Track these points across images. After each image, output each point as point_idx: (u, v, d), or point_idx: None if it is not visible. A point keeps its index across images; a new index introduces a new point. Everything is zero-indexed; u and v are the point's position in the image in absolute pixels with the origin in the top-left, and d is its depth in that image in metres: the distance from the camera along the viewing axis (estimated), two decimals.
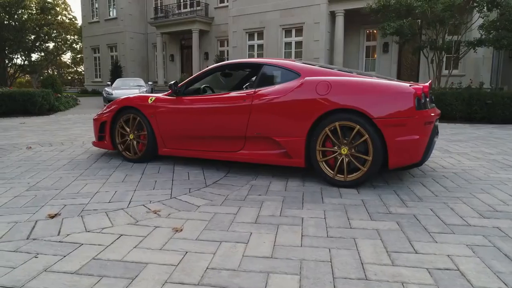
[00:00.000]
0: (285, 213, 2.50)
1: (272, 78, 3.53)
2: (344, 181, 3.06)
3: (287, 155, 3.28)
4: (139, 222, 2.33)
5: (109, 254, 1.89)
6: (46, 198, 2.81)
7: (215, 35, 20.59)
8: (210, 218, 2.40)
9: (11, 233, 2.14)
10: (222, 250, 1.93)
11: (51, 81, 12.63)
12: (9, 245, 1.99)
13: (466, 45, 9.35)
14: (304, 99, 3.14)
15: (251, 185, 3.21)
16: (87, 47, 25.79)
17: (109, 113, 4.16)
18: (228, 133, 3.52)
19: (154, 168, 3.81)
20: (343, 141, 3.04)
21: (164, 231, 2.18)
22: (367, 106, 2.91)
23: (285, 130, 3.23)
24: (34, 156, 4.44)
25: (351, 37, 16.29)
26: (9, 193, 2.95)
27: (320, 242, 2.02)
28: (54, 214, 2.45)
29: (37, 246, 1.97)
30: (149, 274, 1.69)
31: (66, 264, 1.78)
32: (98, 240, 2.05)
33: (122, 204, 2.67)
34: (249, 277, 1.66)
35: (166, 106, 3.84)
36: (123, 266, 1.77)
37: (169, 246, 1.98)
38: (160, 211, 2.53)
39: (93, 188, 3.08)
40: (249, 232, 2.17)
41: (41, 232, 2.16)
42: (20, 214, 2.46)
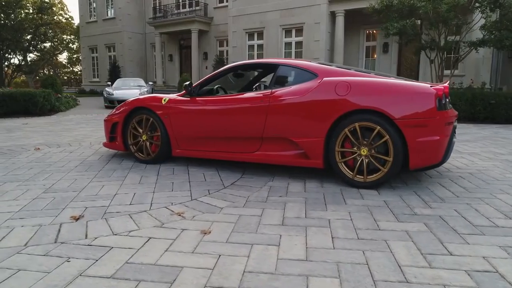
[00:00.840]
0: (310, 214, 2.48)
1: (289, 78, 3.51)
2: (364, 182, 3.05)
3: (305, 156, 3.27)
4: (165, 225, 2.30)
5: (141, 258, 1.86)
6: (66, 201, 2.77)
7: (214, 35, 20.54)
8: (236, 220, 2.38)
9: (38, 237, 2.11)
10: (255, 253, 1.91)
11: (51, 81, 12.53)
12: (38, 249, 1.96)
13: (468, 45, 9.39)
14: (323, 99, 3.12)
15: (269, 186, 3.19)
16: (85, 47, 25.64)
17: (121, 114, 4.13)
18: (245, 134, 3.50)
19: (168, 170, 3.78)
20: (363, 142, 3.03)
21: (193, 234, 2.16)
22: (388, 106, 2.90)
23: (303, 131, 3.21)
24: (44, 158, 4.40)
25: (351, 37, 16.32)
26: (26, 195, 2.91)
27: (352, 244, 2.01)
28: (77, 216, 2.41)
29: (67, 250, 1.94)
30: (187, 278, 1.66)
31: (100, 268, 1.75)
32: (127, 244, 2.02)
33: (144, 206, 2.65)
34: (289, 280, 1.65)
35: (181, 106, 3.81)
36: (158, 270, 1.74)
37: (200, 249, 1.96)
38: (184, 213, 2.50)
39: (111, 190, 3.05)
40: (278, 235, 2.15)
41: (68, 235, 2.13)
42: (43, 217, 2.42)
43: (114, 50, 23.87)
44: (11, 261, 1.81)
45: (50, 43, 35.60)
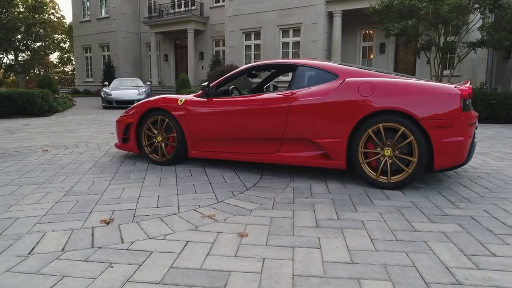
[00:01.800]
0: (342, 216, 2.47)
1: (309, 79, 3.50)
2: (388, 183, 3.05)
3: (327, 157, 3.26)
4: (199, 228, 2.27)
5: (185, 262, 1.83)
6: (90, 204, 2.72)
7: (211, 35, 20.46)
8: (269, 223, 2.36)
9: (73, 241, 2.06)
10: (299, 256, 1.90)
11: (48, 81, 12.36)
12: (77, 254, 1.91)
13: (468, 46, 9.49)
14: (347, 100, 3.12)
15: (292, 187, 3.18)
16: (78, 46, 25.33)
17: (135, 115, 4.07)
18: (264, 135, 3.48)
19: (185, 171, 3.74)
20: (387, 142, 3.03)
21: (230, 237, 2.14)
22: (413, 107, 2.91)
23: (326, 131, 3.21)
24: (55, 159, 4.32)
25: (348, 37, 16.38)
26: (48, 198, 2.85)
27: (393, 246, 2.00)
28: (108, 220, 2.37)
29: (107, 255, 1.90)
30: (237, 283, 1.64)
31: (146, 274, 1.71)
32: (166, 248, 1.99)
33: (172, 209, 2.61)
34: (341, 283, 1.63)
35: (198, 107, 3.77)
36: (206, 274, 1.71)
37: (242, 253, 1.93)
38: (214, 215, 2.48)
39: (133, 193, 3.00)
40: (316, 237, 2.14)
41: (103, 240, 2.08)
42: (72, 221, 2.37)
43: (109, 50, 23.63)
44: (53, 267, 1.77)
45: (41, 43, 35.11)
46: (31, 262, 1.82)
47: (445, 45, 9.46)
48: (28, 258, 1.86)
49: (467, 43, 9.51)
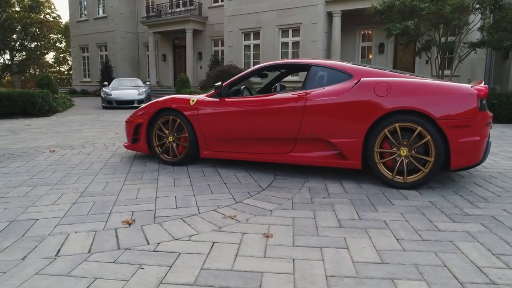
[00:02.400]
0: (363, 216, 2.47)
1: (323, 79, 3.49)
2: (404, 182, 3.06)
3: (342, 157, 3.26)
4: (223, 229, 2.26)
5: (215, 263, 1.82)
6: (108, 205, 2.70)
7: (209, 34, 20.42)
8: (292, 223, 2.35)
9: (98, 243, 2.04)
10: (328, 257, 1.89)
11: (47, 81, 12.26)
12: (104, 256, 1.89)
13: (469, 46, 9.54)
14: (363, 100, 3.12)
15: (307, 187, 3.17)
16: (75, 46, 25.18)
17: (145, 115, 4.05)
18: (278, 135, 3.47)
19: (197, 172, 3.72)
20: (403, 142, 3.04)
21: (255, 238, 2.12)
22: (430, 107, 2.91)
23: (341, 131, 3.20)
24: (63, 160, 4.28)
25: (347, 37, 16.42)
26: (64, 199, 2.82)
27: (420, 246, 2.00)
28: (129, 221, 2.35)
29: (135, 257, 1.88)
30: (272, 284, 1.63)
31: (179, 275, 1.70)
32: (193, 249, 1.98)
33: (191, 210, 2.59)
34: (376, 284, 1.63)
35: (210, 108, 3.75)
36: (238, 276, 1.70)
37: (271, 254, 1.92)
38: (235, 216, 2.46)
39: (149, 193, 2.98)
40: (342, 237, 2.13)
41: (128, 241, 2.06)
42: (93, 222, 2.35)
43: (106, 50, 23.51)
44: (83, 270, 1.75)
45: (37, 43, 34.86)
46: (60, 264, 1.80)
47: (447, 45, 9.49)
48: (55, 260, 1.84)
49: (468, 43, 9.55)
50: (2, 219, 2.41)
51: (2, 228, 2.26)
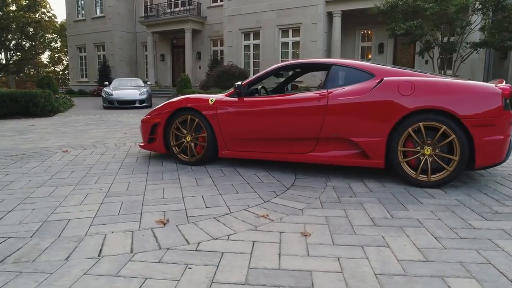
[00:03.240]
0: (395, 215, 2.48)
1: (343, 78, 3.50)
2: (428, 181, 3.07)
3: (365, 156, 3.27)
4: (259, 228, 2.25)
5: (261, 262, 1.81)
6: (136, 205, 2.68)
7: (208, 34, 20.39)
8: (326, 222, 2.35)
9: (138, 243, 2.02)
10: (372, 255, 1.89)
11: (47, 81, 12.18)
12: (148, 255, 1.88)
13: (471, 46, 9.62)
14: (387, 99, 3.13)
15: (331, 186, 3.17)
16: (72, 46, 25.00)
17: (162, 115, 4.03)
18: (300, 135, 3.47)
19: (217, 171, 3.71)
20: (427, 141, 3.05)
21: (293, 237, 2.12)
22: (455, 106, 2.93)
23: (365, 130, 3.21)
24: (78, 160, 4.25)
25: (347, 37, 16.49)
26: (90, 200, 2.80)
27: (460, 244, 2.01)
28: (163, 221, 2.34)
29: (178, 256, 1.87)
30: (324, 283, 1.63)
31: (228, 275, 1.69)
32: (235, 248, 1.97)
33: (222, 209, 2.59)
34: (427, 282, 1.63)
35: (230, 107, 3.75)
36: (287, 274, 1.70)
37: (314, 252, 1.92)
38: (268, 215, 2.46)
39: (175, 193, 2.97)
40: (379, 235, 2.14)
41: (168, 241, 2.05)
42: (126, 222, 2.33)
43: (104, 50, 23.38)
44: (130, 270, 1.73)
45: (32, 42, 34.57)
46: (105, 264, 1.78)
47: (449, 45, 9.57)
48: (100, 261, 1.82)
49: (471, 43, 9.63)
50: (34, 219, 2.39)
51: (36, 228, 2.24)
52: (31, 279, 1.64)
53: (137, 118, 9.67)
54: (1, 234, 2.15)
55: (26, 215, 2.48)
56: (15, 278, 1.65)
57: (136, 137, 6.07)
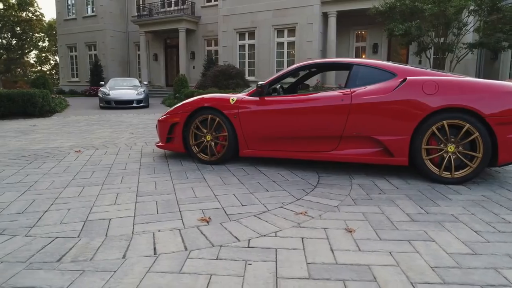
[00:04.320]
0: (429, 210, 2.55)
1: (365, 78, 3.54)
2: (451, 178, 3.15)
3: (389, 154, 3.33)
4: (302, 225, 2.29)
5: (318, 258, 1.85)
6: (171, 204, 2.69)
7: (202, 34, 20.32)
8: (364, 218, 2.40)
9: (189, 241, 2.04)
10: (421, 249, 1.95)
11: (43, 81, 11.99)
12: (204, 253, 1.90)
13: (467, 46, 9.83)
14: (411, 98, 3.20)
15: (357, 184, 3.23)
16: (63, 45, 24.63)
17: (182, 114, 4.03)
18: (323, 133, 3.52)
19: (238, 170, 3.73)
20: (450, 139, 3.14)
21: (339, 233, 2.17)
22: (478, 104, 3.02)
23: (389, 129, 3.28)
24: (94, 160, 4.22)
25: (341, 38, 16.63)
26: (123, 199, 2.80)
27: (502, 237, 2.08)
28: (206, 219, 2.36)
29: (234, 253, 1.90)
30: (385, 276, 1.67)
31: (290, 270, 1.73)
32: (287, 244, 2.00)
33: (259, 207, 2.61)
34: (482, 273, 1.69)
35: (251, 107, 3.77)
36: (347, 269, 1.74)
37: (365, 247, 1.97)
38: (306, 212, 2.50)
39: (205, 192, 2.98)
40: (421, 230, 2.20)
41: (218, 238, 2.07)
42: (169, 221, 2.34)
43: (95, 49, 23.10)
44: (192, 267, 1.75)
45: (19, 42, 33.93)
46: (165, 262, 1.80)
47: (447, 46, 9.76)
48: (159, 258, 1.83)
49: (467, 44, 9.85)
50: (73, 219, 2.38)
51: (79, 228, 2.23)
52: (97, 277, 1.65)
53: (138, 118, 9.61)
54: (46, 234, 2.14)
55: (64, 215, 2.46)
56: (80, 276, 1.66)
57: (144, 137, 6.04)
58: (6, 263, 1.79)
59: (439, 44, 10.00)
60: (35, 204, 2.69)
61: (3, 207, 2.63)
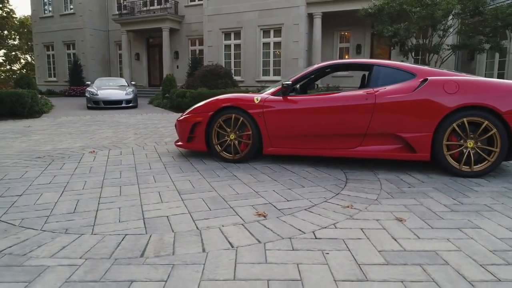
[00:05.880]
0: (463, 201, 2.74)
1: (386, 78, 3.72)
2: (471, 171, 3.38)
3: (411, 149, 3.52)
4: (354, 217, 2.42)
5: (385, 246, 1.98)
6: (218, 200, 2.76)
7: (186, 34, 20.19)
8: (407, 209, 2.56)
9: (258, 234, 2.12)
10: (474, 235, 2.11)
11: (27, 81, 11.60)
12: (278, 244, 1.99)
13: (451, 48, 10.30)
14: (434, 97, 3.40)
15: (384, 179, 3.40)
16: (38, 44, 23.80)
17: (205, 113, 4.08)
18: (348, 131, 3.67)
19: (264, 168, 3.83)
20: (470, 135, 3.36)
21: (392, 223, 2.31)
22: (496, 102, 3.25)
23: (412, 126, 3.46)
24: (114, 161, 4.21)
25: (326, 38, 16.95)
26: (168, 197, 2.84)
27: None
28: (263, 213, 2.45)
29: (306, 244, 2.00)
30: (454, 259, 1.82)
31: (367, 257, 1.85)
32: (351, 235, 2.12)
33: (304, 202, 2.72)
34: None
35: (277, 106, 3.87)
36: (416, 255, 1.88)
37: (423, 235, 2.12)
38: (351, 206, 2.63)
39: (244, 189, 3.07)
40: (465, 219, 2.37)
41: (284, 231, 2.17)
42: (226, 216, 2.42)
43: (74, 48, 22.47)
44: (275, 257, 1.84)
45: None
46: (247, 253, 1.88)
47: (433, 47, 10.19)
48: (238, 250, 1.91)
49: (451, 45, 10.31)
50: (131, 217, 2.41)
51: (142, 225, 2.27)
52: (190, 270, 1.71)
53: (132, 118, 9.50)
54: (113, 232, 2.17)
55: (118, 213, 2.49)
56: (173, 270, 1.72)
57: (150, 137, 6.03)
58: (91, 259, 1.82)
59: (425, 45, 10.41)
60: (81, 204, 2.69)
61: (50, 207, 2.62)
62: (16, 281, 1.62)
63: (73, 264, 1.77)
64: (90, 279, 1.64)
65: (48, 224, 2.30)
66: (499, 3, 9.98)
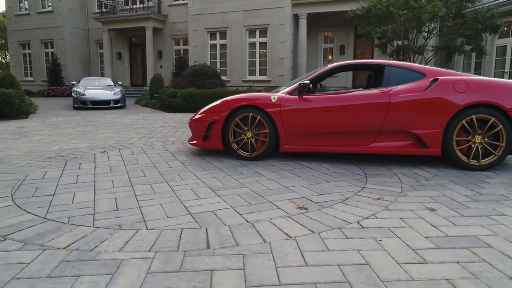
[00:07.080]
0: (480, 191, 2.95)
1: (397, 78, 3.91)
2: (479, 165, 3.62)
3: (422, 145, 3.73)
4: (389, 207, 2.58)
5: (429, 232, 2.14)
6: (253, 195, 2.86)
7: (170, 33, 20.03)
8: (433, 200, 2.74)
9: (309, 225, 2.24)
10: (504, 221, 2.31)
11: (10, 80, 11.24)
12: (332, 234, 2.11)
13: (434, 49, 10.75)
14: (444, 95, 3.62)
15: (400, 173, 3.59)
16: (14, 42, 23.00)
17: (222, 112, 4.16)
18: (363, 128, 3.84)
19: (282, 165, 3.95)
20: (478, 131, 3.60)
21: (425, 212, 2.48)
22: (502, 101, 3.51)
23: (424, 123, 3.67)
24: (130, 160, 4.22)
25: (310, 39, 17.25)
26: (204, 194, 2.91)
27: None
28: (303, 206, 2.57)
29: (356, 233, 2.13)
30: (495, 242, 2.00)
31: (418, 243, 2.00)
32: (393, 223, 2.28)
33: (336, 196, 2.86)
34: None
35: (293, 104, 4.00)
36: (460, 239, 2.05)
37: (458, 222, 2.30)
38: (382, 198, 2.79)
39: (272, 185, 3.17)
40: (490, 208, 2.58)
41: (331, 222, 2.30)
42: (269, 210, 2.52)
43: (52, 47, 21.86)
44: (334, 245, 1.96)
45: None
46: (307, 242, 2.00)
47: (418, 49, 10.61)
48: (298, 240, 2.02)
49: (434, 46, 10.76)
50: (177, 213, 2.48)
51: (192, 220, 2.35)
52: (262, 259, 1.81)
53: (125, 118, 9.40)
54: (168, 227, 2.23)
55: (162, 210, 2.55)
56: (246, 259, 1.81)
57: (153, 137, 6.03)
58: (161, 252, 1.89)
59: (410, 46, 10.81)
60: (121, 202, 2.73)
61: (90, 205, 2.65)
62: (99, 274, 1.67)
63: (146, 257, 1.84)
64: (170, 269, 1.71)
65: (98, 221, 2.33)
66: (479, 6, 10.49)
